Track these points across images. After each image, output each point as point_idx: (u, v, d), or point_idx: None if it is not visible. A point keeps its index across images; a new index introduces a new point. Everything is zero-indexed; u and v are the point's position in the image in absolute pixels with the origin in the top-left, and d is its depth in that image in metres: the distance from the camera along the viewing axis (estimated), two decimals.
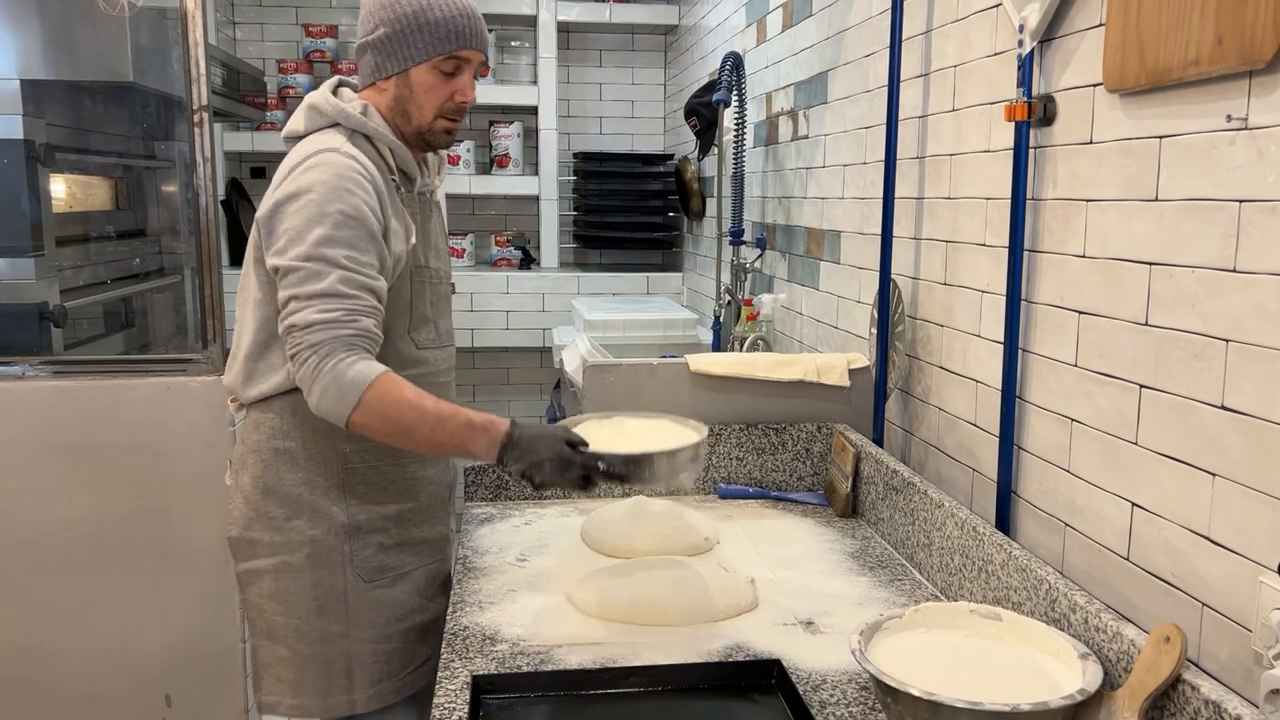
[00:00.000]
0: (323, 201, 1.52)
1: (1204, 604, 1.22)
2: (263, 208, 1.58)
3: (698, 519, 1.91)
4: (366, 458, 1.68)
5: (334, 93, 1.69)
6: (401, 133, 1.67)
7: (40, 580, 2.34)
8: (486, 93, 4.58)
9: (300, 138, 1.66)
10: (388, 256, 1.60)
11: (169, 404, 2.27)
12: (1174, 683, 1.11)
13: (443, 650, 1.46)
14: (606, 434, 1.59)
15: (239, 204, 4.71)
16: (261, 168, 4.86)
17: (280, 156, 1.66)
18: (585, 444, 1.52)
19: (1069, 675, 1.21)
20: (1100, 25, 1.40)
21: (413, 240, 1.67)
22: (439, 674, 1.39)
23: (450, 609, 1.60)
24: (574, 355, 3.18)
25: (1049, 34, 1.54)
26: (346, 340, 1.49)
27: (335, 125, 1.64)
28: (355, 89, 1.73)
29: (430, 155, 1.79)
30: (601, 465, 1.49)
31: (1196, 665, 1.18)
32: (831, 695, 1.34)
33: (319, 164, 1.55)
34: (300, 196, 1.53)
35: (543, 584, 1.69)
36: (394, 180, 1.66)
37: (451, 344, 1.84)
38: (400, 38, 1.62)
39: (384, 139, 1.65)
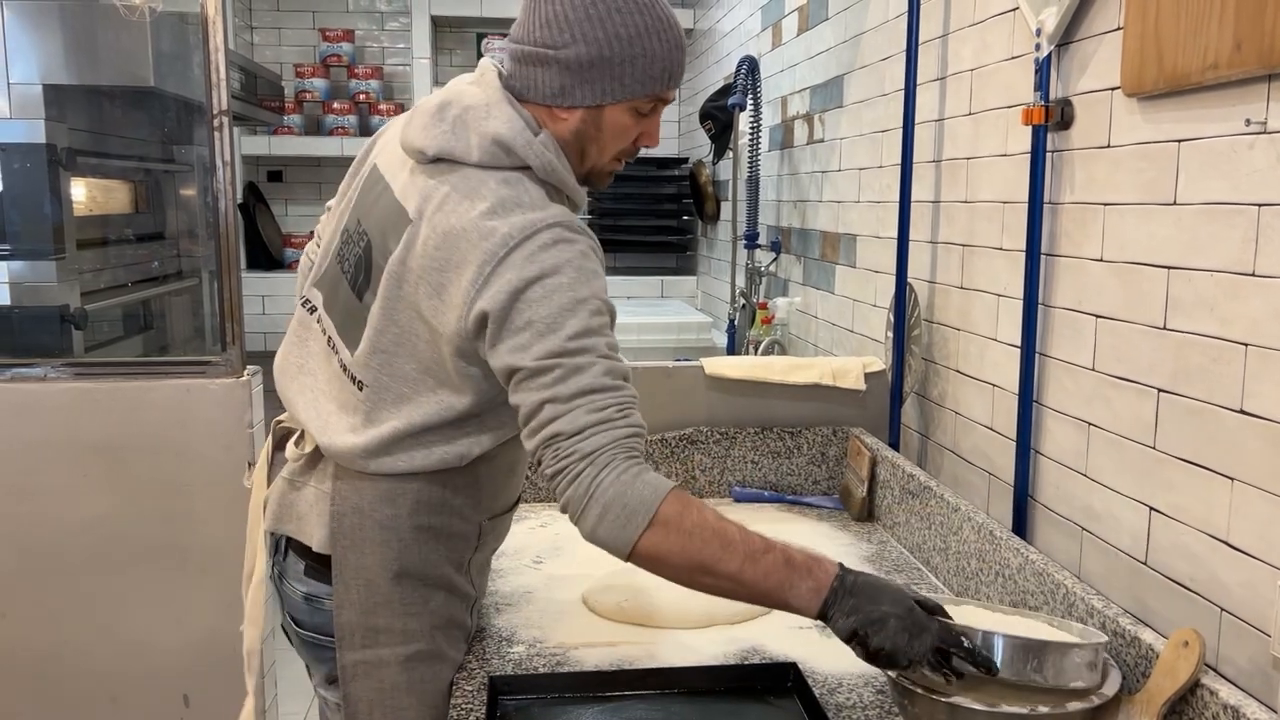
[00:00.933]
0: (574, 287, 1.21)
1: (1223, 609, 1.21)
2: (480, 292, 1.22)
3: None
4: (493, 529, 1.47)
5: (518, 112, 1.32)
6: (571, 169, 1.35)
7: (61, 580, 2.36)
8: None
9: (458, 162, 1.29)
10: None
11: (188, 406, 2.28)
12: (1192, 688, 1.10)
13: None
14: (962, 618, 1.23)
15: (256, 207, 4.75)
16: (279, 171, 4.90)
17: (298, 161, 1.52)
18: (942, 610, 1.20)
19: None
20: (1118, 29, 1.40)
21: None
22: (456, 675, 1.40)
23: None
24: None
25: (1066, 38, 1.54)
26: (624, 443, 1.20)
27: (522, 168, 1.30)
28: (507, 82, 1.34)
29: None
30: (966, 642, 1.15)
31: (1215, 670, 1.18)
32: (848, 698, 1.34)
33: (557, 243, 1.22)
34: (543, 282, 1.20)
35: (559, 586, 1.70)
36: None
37: None
38: (606, 66, 1.28)
39: (570, 189, 1.35)
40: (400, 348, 1.31)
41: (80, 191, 3.02)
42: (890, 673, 1.21)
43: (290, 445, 1.48)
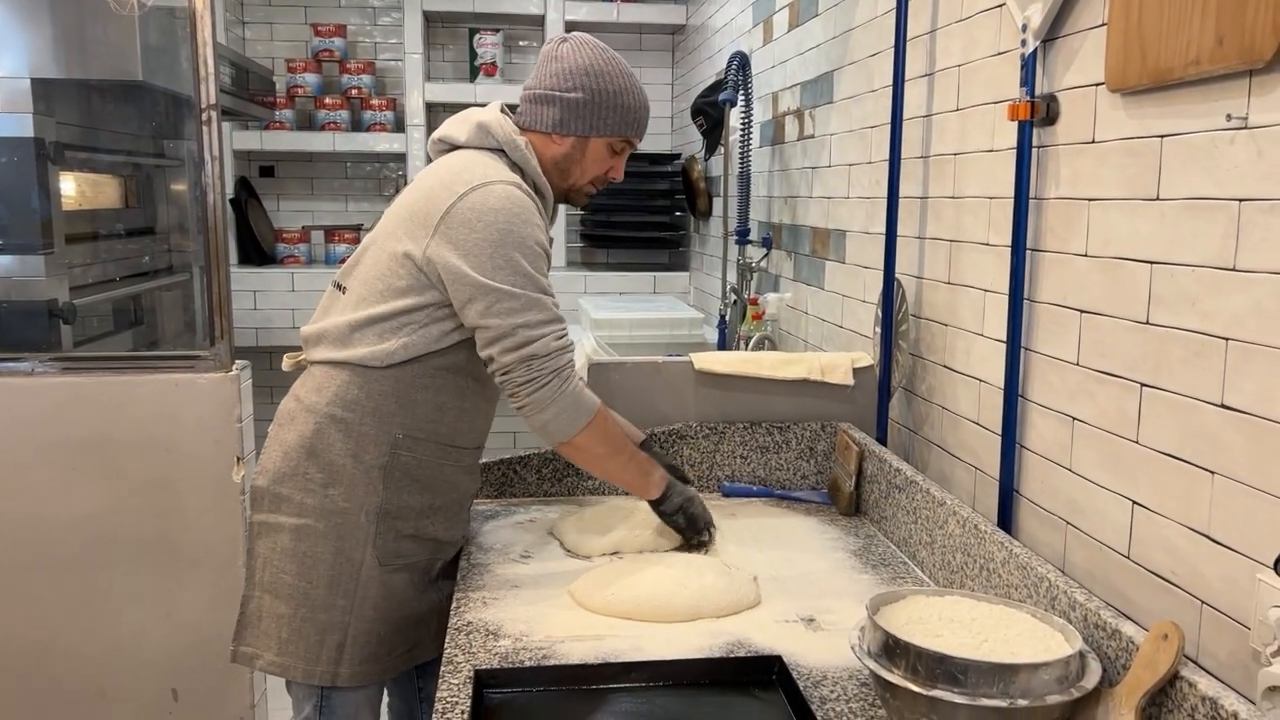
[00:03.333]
0: (522, 231, 1.62)
1: (1204, 602, 1.22)
2: (440, 225, 1.62)
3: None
4: (415, 449, 1.72)
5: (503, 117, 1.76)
6: (552, 184, 1.78)
7: (50, 575, 2.36)
8: (493, 92, 4.59)
9: (453, 147, 1.75)
10: None
11: (177, 400, 2.28)
12: (1171, 679, 1.11)
13: (446, 645, 1.47)
14: (935, 615, 1.30)
15: (248, 202, 4.74)
16: (270, 166, 4.89)
17: (290, 156, 1.69)
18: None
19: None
20: (1102, 25, 1.41)
21: None
22: (442, 668, 1.40)
23: (454, 604, 1.61)
24: (580, 354, 3.20)
25: (1052, 34, 1.55)
26: (571, 363, 1.65)
27: (499, 151, 1.72)
28: (514, 119, 1.78)
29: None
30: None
31: (1195, 663, 1.18)
32: (832, 691, 1.34)
33: (509, 195, 1.63)
34: (497, 218, 1.61)
35: (546, 580, 1.70)
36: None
37: None
38: (595, 108, 1.74)
39: (539, 180, 1.75)
40: (372, 258, 1.71)
41: (70, 186, 3.01)
42: (869, 666, 1.22)
43: None
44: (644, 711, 1.34)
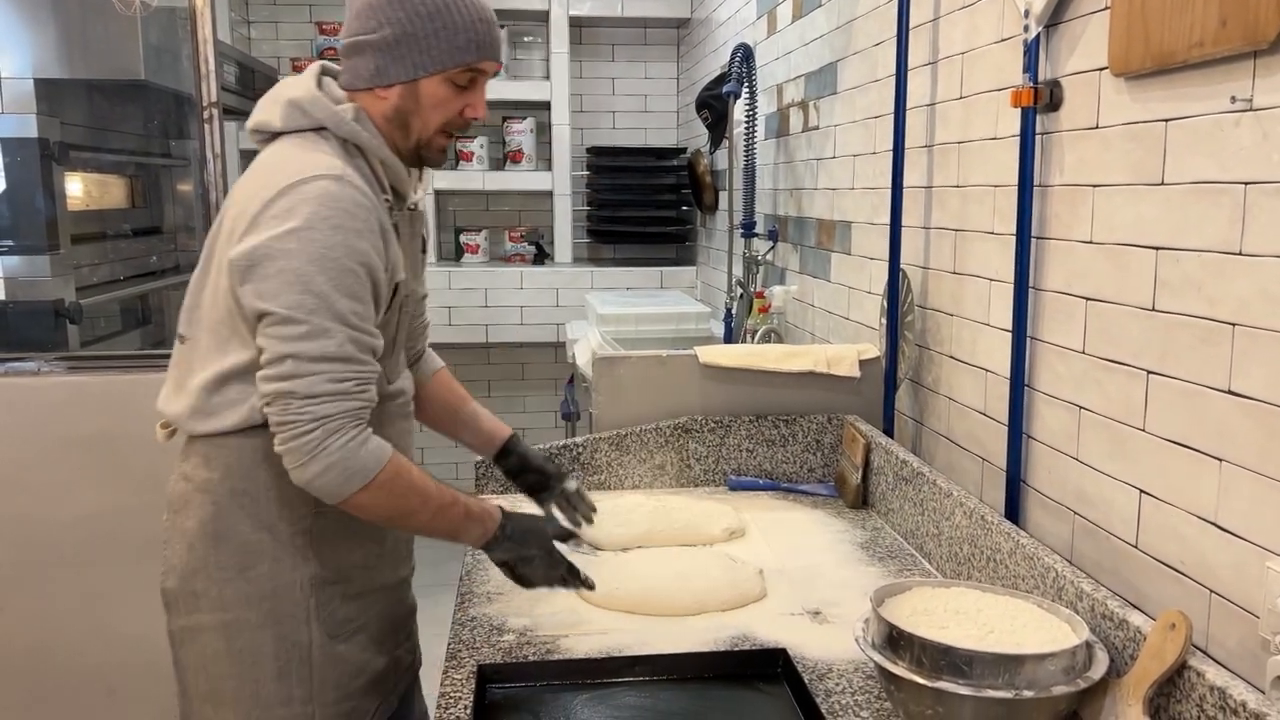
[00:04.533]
0: (326, 243, 1.30)
1: (1212, 590, 1.21)
2: (245, 235, 1.33)
3: (719, 511, 1.91)
4: None
5: (320, 84, 1.44)
6: (396, 146, 1.45)
7: (57, 573, 2.36)
8: (499, 88, 4.58)
9: (273, 134, 1.42)
10: (383, 302, 1.42)
11: None
12: (1179, 669, 1.10)
13: (449, 640, 1.47)
14: (941, 607, 1.29)
15: None
16: None
17: None
18: (575, 537, 1.62)
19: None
20: (1105, 9, 1.39)
21: (401, 274, 1.46)
22: (445, 663, 1.40)
23: (458, 600, 1.61)
24: (585, 349, 3.19)
25: (1054, 18, 1.53)
26: (355, 413, 1.33)
27: (320, 129, 1.40)
28: (338, 81, 1.47)
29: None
30: (582, 575, 1.50)
31: (1204, 652, 1.17)
32: (837, 684, 1.33)
33: (320, 197, 1.31)
34: (295, 232, 1.30)
35: None
36: (387, 201, 1.44)
37: (406, 370, 1.63)
38: (412, 42, 1.39)
39: (378, 154, 1.43)
40: (205, 297, 1.43)
41: (76, 186, 3.02)
42: (874, 659, 1.21)
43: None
44: (648, 706, 1.33)
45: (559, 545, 1.54)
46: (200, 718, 1.49)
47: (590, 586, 1.52)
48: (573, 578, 1.50)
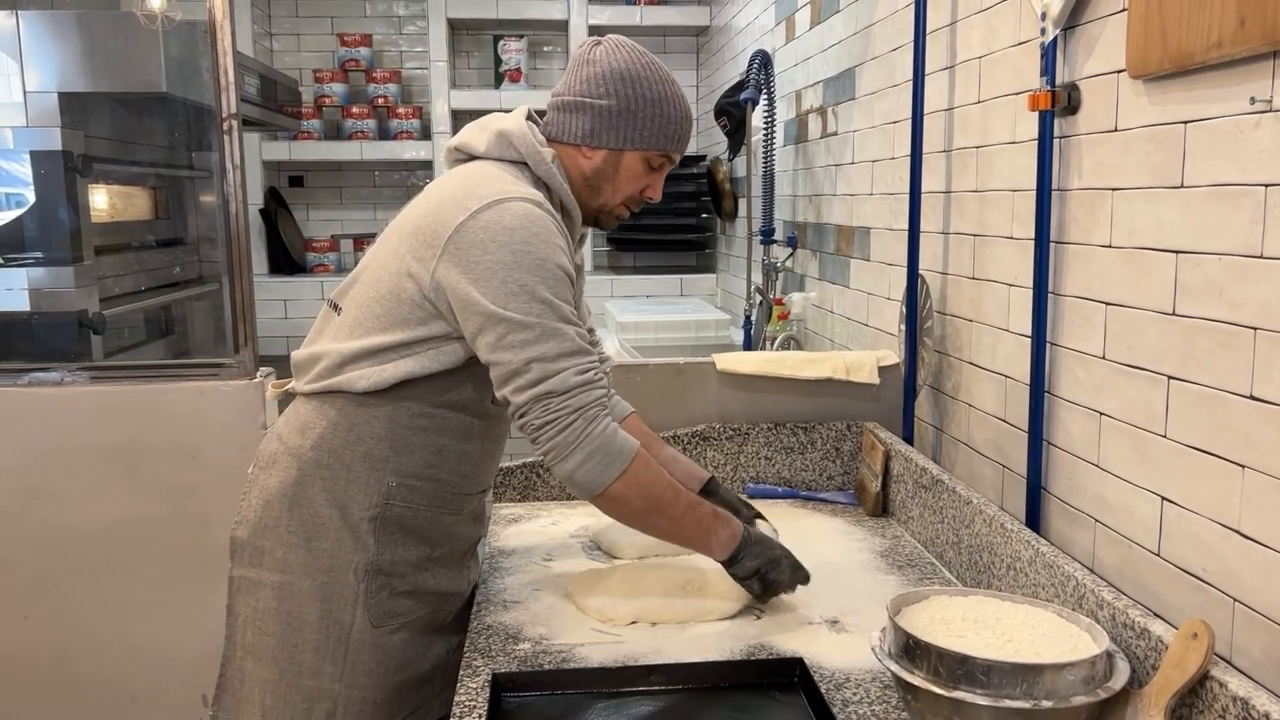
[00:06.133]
0: (541, 253, 1.42)
1: (1235, 599, 1.18)
2: (449, 242, 1.43)
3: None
4: (410, 498, 1.54)
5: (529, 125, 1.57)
6: (582, 202, 1.59)
7: (80, 580, 2.38)
8: (518, 98, 4.60)
9: (473, 157, 1.57)
10: None
11: (203, 408, 2.30)
12: (1202, 679, 1.08)
13: (465, 648, 1.47)
14: (959, 616, 1.29)
15: (278, 213, 4.78)
16: (300, 176, 4.93)
17: (318, 166, 1.60)
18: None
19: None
20: (1123, 10, 1.38)
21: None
22: (460, 672, 1.39)
23: (474, 607, 1.61)
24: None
25: (1072, 21, 1.52)
26: (602, 401, 1.43)
27: (521, 164, 1.54)
28: (541, 128, 1.60)
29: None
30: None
31: (1228, 662, 1.15)
32: (854, 694, 1.32)
33: (529, 214, 1.43)
34: (513, 238, 1.41)
35: (568, 583, 1.69)
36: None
37: None
38: (630, 118, 1.54)
39: (564, 197, 1.56)
40: (367, 275, 1.53)
41: (100, 198, 3.05)
42: (890, 668, 1.19)
43: None
44: (664, 715, 1.33)
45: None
46: (239, 665, 1.57)
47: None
48: (805, 581, 1.57)
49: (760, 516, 1.79)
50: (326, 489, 1.51)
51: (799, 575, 1.56)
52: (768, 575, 1.53)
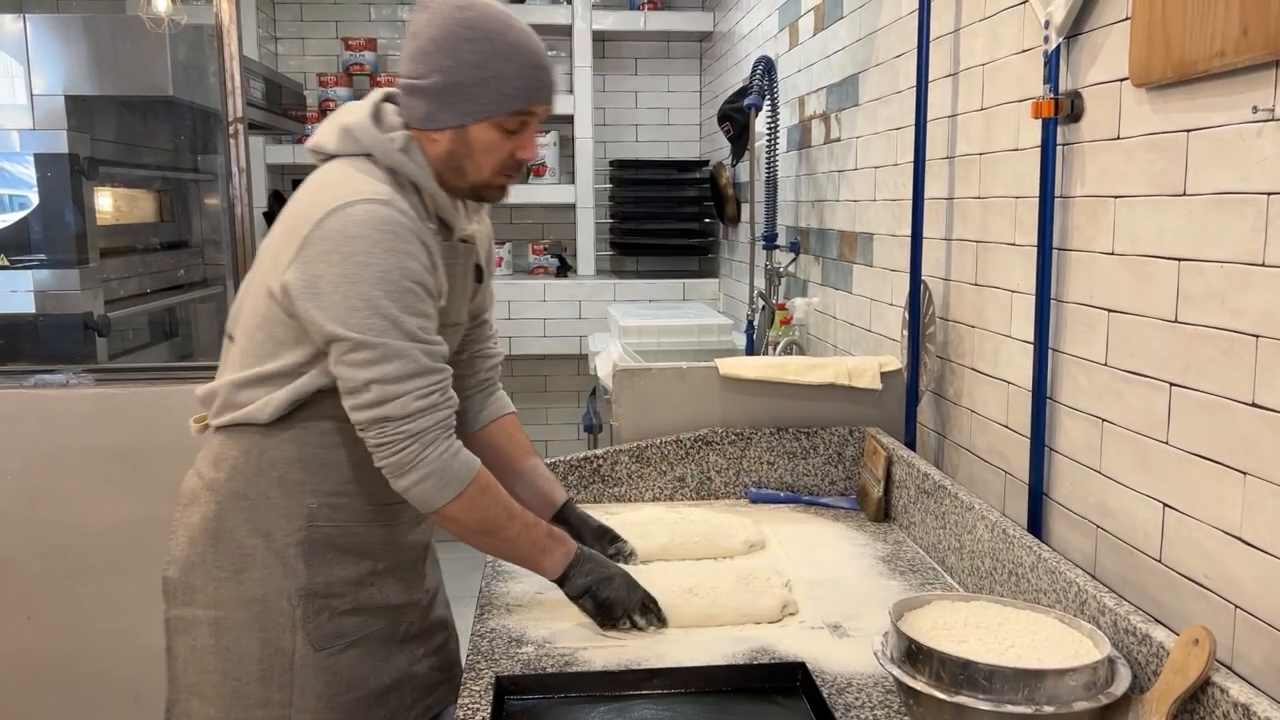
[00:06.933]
0: (384, 263, 1.35)
1: (1237, 606, 1.19)
2: (300, 254, 1.38)
3: (739, 524, 1.90)
4: (335, 516, 1.51)
5: (377, 111, 1.49)
6: (450, 184, 1.49)
7: (86, 581, 2.39)
8: None
9: (329, 156, 1.49)
10: (436, 314, 1.47)
11: None
12: (1203, 686, 1.08)
13: (468, 652, 1.47)
14: (961, 621, 1.29)
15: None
16: (303, 179, 4.94)
17: None
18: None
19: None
20: (1126, 19, 1.38)
21: (443, 301, 1.50)
22: (464, 675, 1.40)
23: (477, 611, 1.61)
24: (606, 361, 3.20)
25: (1075, 29, 1.52)
26: (444, 423, 1.41)
27: (370, 155, 1.45)
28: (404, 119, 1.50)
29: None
30: (655, 606, 1.53)
31: (1228, 668, 1.15)
32: (857, 698, 1.33)
33: (369, 220, 1.36)
34: (354, 248, 1.35)
35: None
36: (432, 229, 1.47)
37: None
38: (460, 90, 1.42)
39: (423, 183, 1.46)
40: (247, 302, 1.50)
41: (106, 201, 3.06)
42: (893, 672, 1.20)
43: None
44: (666, 718, 1.33)
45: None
46: (184, 707, 1.54)
47: (664, 623, 1.52)
48: (652, 604, 1.52)
49: (617, 538, 1.73)
50: (248, 519, 1.49)
51: (636, 594, 1.52)
52: (599, 593, 1.50)
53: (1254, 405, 1.16)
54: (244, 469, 1.49)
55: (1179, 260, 1.29)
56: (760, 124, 3.30)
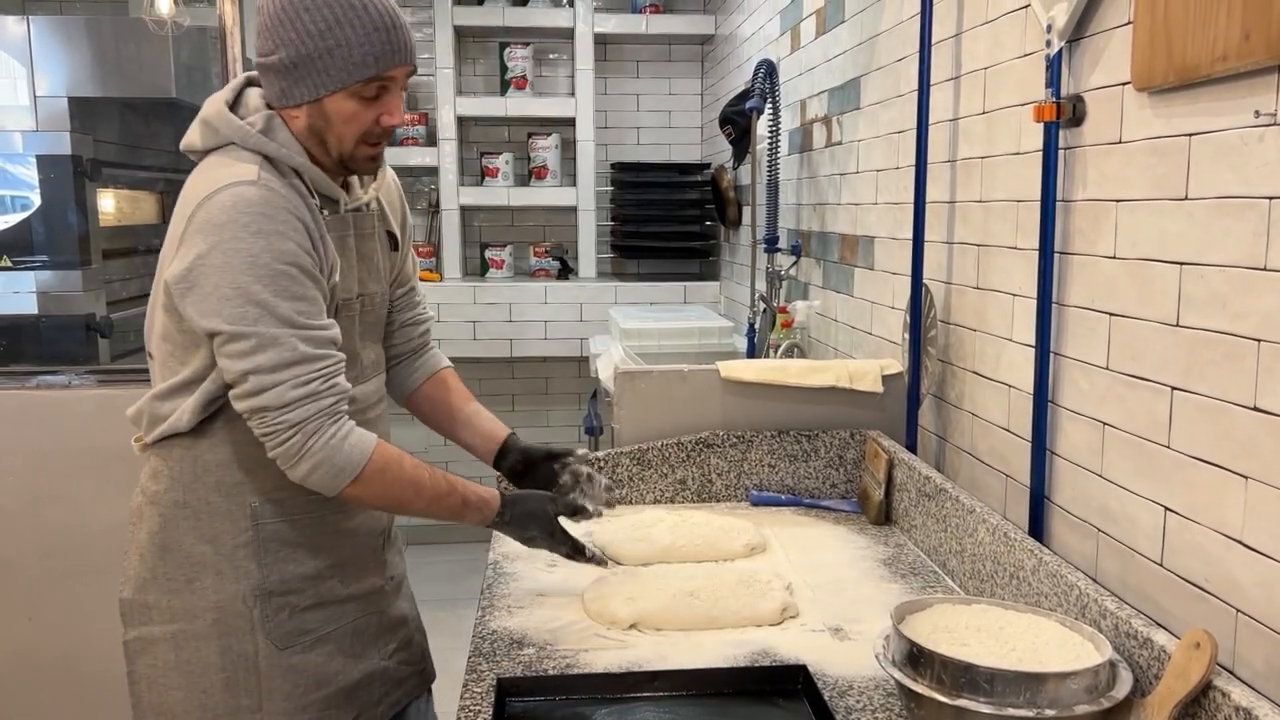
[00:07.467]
0: (250, 248, 1.32)
1: (1238, 609, 1.19)
2: (176, 253, 1.37)
3: (740, 527, 1.90)
4: (279, 512, 1.49)
5: (236, 98, 1.46)
6: (319, 159, 1.45)
7: (87, 582, 2.39)
8: (523, 105, 4.62)
9: (201, 153, 1.45)
10: (326, 292, 1.43)
11: None
12: (1204, 689, 1.08)
13: (469, 654, 1.47)
14: (963, 624, 1.29)
15: None
16: None
17: None
18: (584, 511, 1.62)
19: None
20: (1128, 24, 1.39)
21: (335, 277, 1.46)
22: (465, 677, 1.40)
23: (478, 613, 1.61)
24: (608, 364, 3.20)
25: (1077, 33, 1.53)
26: (330, 409, 1.37)
27: (231, 145, 1.42)
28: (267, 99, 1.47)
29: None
30: (587, 550, 1.62)
31: (1230, 672, 1.16)
32: (858, 701, 1.33)
33: (235, 204, 1.33)
34: (221, 235, 1.32)
35: (573, 588, 1.69)
36: (315, 204, 1.44)
37: (379, 372, 1.65)
38: (307, 63, 1.37)
39: (292, 161, 1.41)
40: (154, 316, 1.47)
41: (108, 202, 3.07)
42: (894, 676, 1.20)
43: None
44: None
45: (567, 522, 1.62)
46: None
47: (602, 564, 1.63)
48: (578, 555, 1.59)
49: (577, 455, 1.71)
50: (193, 527, 1.47)
51: (561, 547, 1.59)
52: (528, 547, 1.61)
53: (1255, 409, 1.16)
54: (181, 477, 1.47)
55: (1180, 264, 1.29)
56: (762, 127, 3.30)
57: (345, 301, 1.51)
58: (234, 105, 1.46)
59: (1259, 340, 1.15)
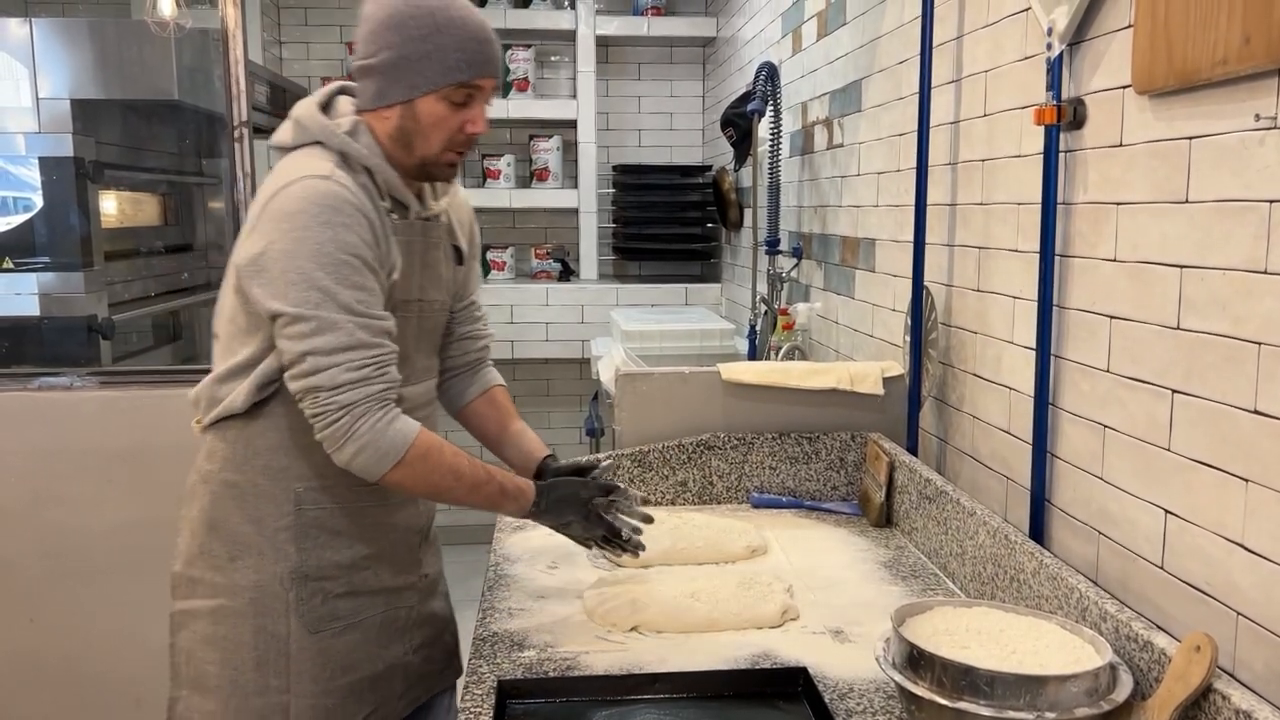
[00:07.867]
0: (319, 236, 1.39)
1: (1239, 613, 1.19)
2: (248, 238, 1.46)
3: (741, 529, 1.91)
4: (321, 499, 1.54)
5: (328, 103, 1.55)
6: (401, 162, 1.53)
7: (87, 585, 2.39)
8: (525, 107, 4.62)
9: (287, 150, 1.53)
10: (385, 288, 1.49)
11: None
12: (1205, 692, 1.08)
13: (470, 656, 1.47)
14: (963, 627, 1.30)
15: None
16: None
17: None
18: (617, 489, 1.62)
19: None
20: (1129, 27, 1.39)
21: (395, 275, 1.52)
22: (466, 679, 1.40)
23: (479, 615, 1.62)
24: (609, 366, 3.20)
25: (1078, 36, 1.53)
26: (379, 395, 1.43)
27: (319, 143, 1.50)
28: (357, 106, 1.55)
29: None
30: (624, 534, 1.60)
31: (1230, 675, 1.16)
32: (858, 704, 1.33)
33: (307, 195, 1.41)
34: (293, 224, 1.40)
35: (573, 591, 1.70)
36: (385, 207, 1.51)
37: (431, 377, 1.69)
38: (407, 64, 1.47)
39: (369, 162, 1.49)
40: (224, 298, 1.54)
41: (110, 204, 3.07)
42: (894, 678, 1.20)
43: None
44: None
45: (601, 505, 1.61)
46: (186, 703, 1.57)
47: (637, 548, 1.61)
48: (615, 538, 1.60)
49: (594, 466, 1.70)
50: (239, 507, 1.53)
51: (595, 532, 1.60)
52: (560, 533, 1.62)
53: (1256, 412, 1.16)
54: (232, 458, 1.54)
55: (1181, 267, 1.29)
56: (763, 129, 3.30)
57: (404, 303, 1.56)
58: (325, 109, 1.54)
59: (1259, 343, 1.15)
